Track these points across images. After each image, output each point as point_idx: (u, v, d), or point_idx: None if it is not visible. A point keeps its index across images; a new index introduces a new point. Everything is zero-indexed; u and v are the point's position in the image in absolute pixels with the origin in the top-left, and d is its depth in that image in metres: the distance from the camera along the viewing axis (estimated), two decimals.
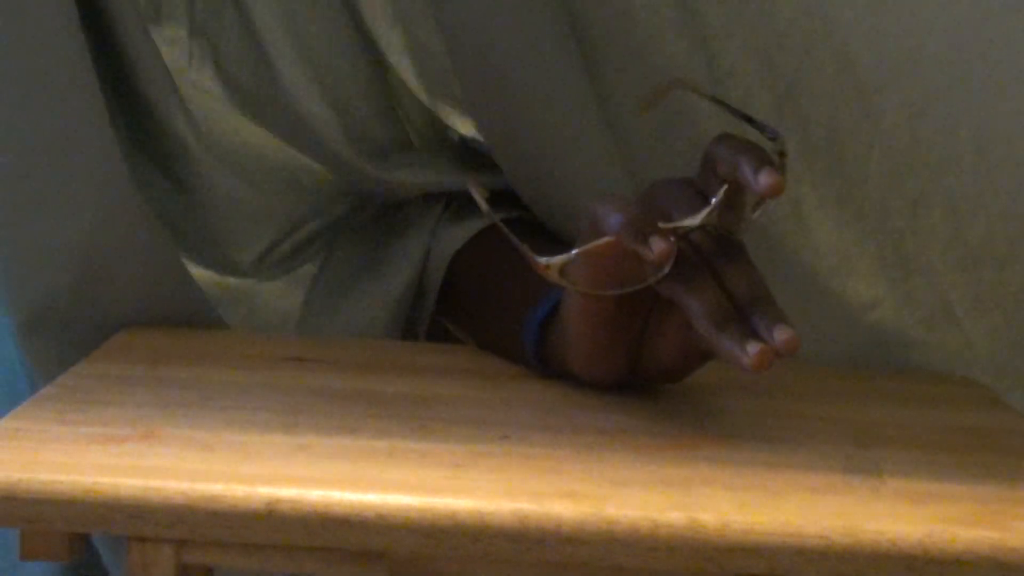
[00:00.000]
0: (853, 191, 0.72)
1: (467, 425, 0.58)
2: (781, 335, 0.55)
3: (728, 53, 0.69)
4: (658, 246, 0.55)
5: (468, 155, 0.79)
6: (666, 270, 0.57)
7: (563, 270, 0.59)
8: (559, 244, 0.63)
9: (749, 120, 0.60)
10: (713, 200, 0.57)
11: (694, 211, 0.58)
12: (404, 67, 0.75)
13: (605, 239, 0.57)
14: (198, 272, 0.78)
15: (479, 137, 0.76)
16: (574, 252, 0.58)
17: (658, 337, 0.61)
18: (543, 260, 0.59)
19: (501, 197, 0.74)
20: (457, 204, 0.77)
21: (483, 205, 0.61)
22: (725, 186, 0.57)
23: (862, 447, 0.58)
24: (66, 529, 0.48)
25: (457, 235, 0.75)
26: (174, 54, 0.75)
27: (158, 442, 0.52)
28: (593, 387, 0.63)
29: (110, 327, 0.71)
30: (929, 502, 0.51)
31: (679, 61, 0.69)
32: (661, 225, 0.57)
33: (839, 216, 0.72)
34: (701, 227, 0.58)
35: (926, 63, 0.69)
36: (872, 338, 0.74)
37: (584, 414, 0.61)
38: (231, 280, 0.82)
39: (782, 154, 0.58)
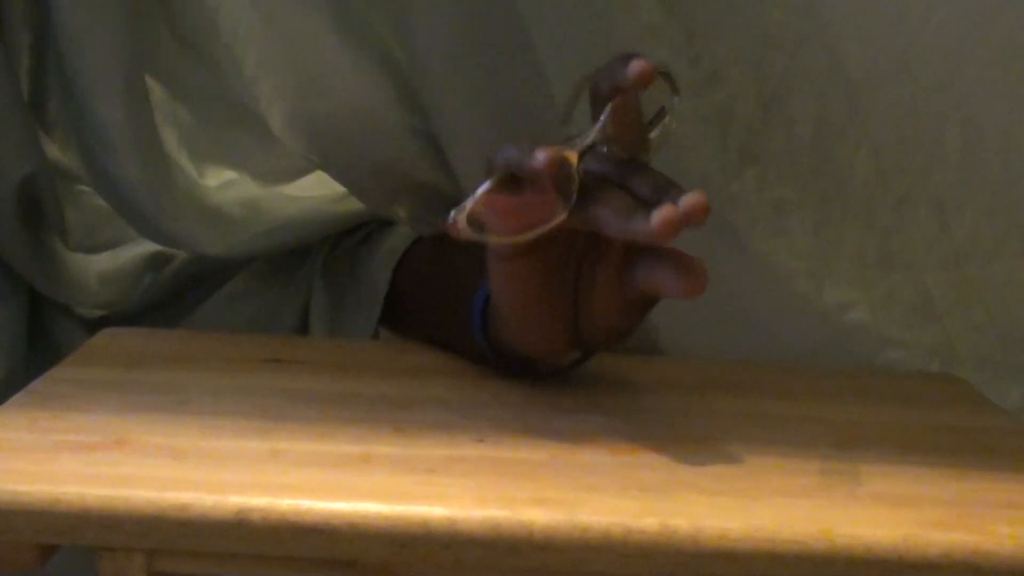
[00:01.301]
0: (839, 189, 0.72)
1: (442, 428, 0.57)
2: (687, 199, 0.52)
3: (712, 55, 0.69)
4: (542, 153, 0.54)
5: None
6: (573, 199, 0.56)
7: (471, 221, 0.57)
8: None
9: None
10: (602, 117, 0.57)
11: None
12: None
13: (497, 173, 0.56)
14: None
15: None
16: (475, 195, 0.56)
17: (590, 299, 0.60)
18: (450, 217, 0.57)
19: None
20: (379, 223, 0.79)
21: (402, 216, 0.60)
22: (611, 103, 0.56)
23: (840, 448, 0.58)
24: (34, 540, 0.48)
25: (396, 245, 0.75)
26: None
27: (129, 449, 0.52)
28: (539, 362, 0.63)
29: None
30: (906, 505, 0.51)
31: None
32: (558, 147, 0.56)
33: (820, 216, 0.72)
34: (596, 147, 0.57)
35: (914, 63, 0.68)
36: (847, 338, 0.74)
37: (560, 416, 0.60)
38: None
39: (668, 75, 0.57)
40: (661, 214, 0.52)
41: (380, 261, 0.75)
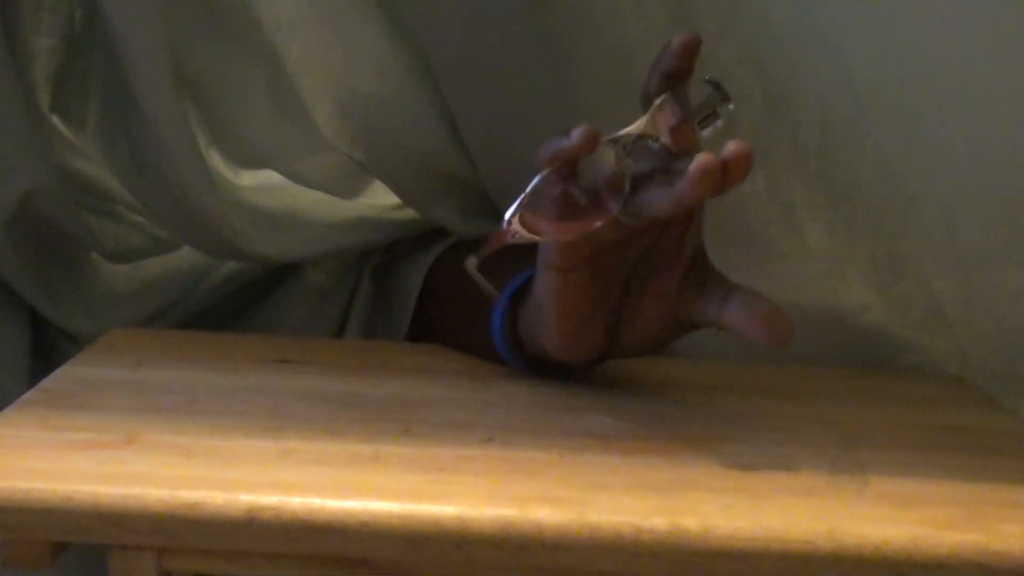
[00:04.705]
0: (846, 194, 0.71)
1: (452, 428, 0.57)
2: (729, 145, 0.53)
3: (719, 56, 0.68)
4: (578, 131, 0.55)
5: None
6: (625, 192, 0.57)
7: (524, 221, 0.57)
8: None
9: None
10: (650, 110, 0.57)
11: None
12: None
13: (547, 165, 0.57)
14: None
15: None
16: (526, 190, 0.57)
17: (637, 309, 0.61)
18: (504, 221, 0.57)
19: None
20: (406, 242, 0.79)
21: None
22: (663, 96, 0.57)
23: (848, 448, 0.58)
24: (45, 538, 0.48)
25: (430, 252, 0.75)
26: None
27: (140, 448, 0.52)
28: (571, 366, 0.63)
29: None
30: (914, 505, 0.51)
31: None
32: (604, 138, 0.56)
33: (831, 219, 0.71)
34: (647, 142, 0.57)
35: (919, 65, 0.68)
36: (863, 341, 0.73)
37: (569, 416, 0.60)
38: None
39: (718, 84, 0.58)
40: (702, 161, 0.52)
41: (414, 268, 0.75)
